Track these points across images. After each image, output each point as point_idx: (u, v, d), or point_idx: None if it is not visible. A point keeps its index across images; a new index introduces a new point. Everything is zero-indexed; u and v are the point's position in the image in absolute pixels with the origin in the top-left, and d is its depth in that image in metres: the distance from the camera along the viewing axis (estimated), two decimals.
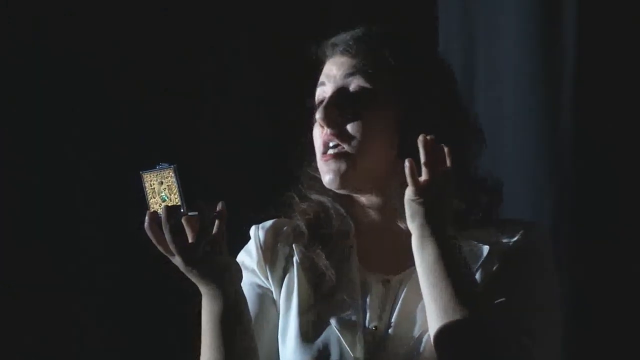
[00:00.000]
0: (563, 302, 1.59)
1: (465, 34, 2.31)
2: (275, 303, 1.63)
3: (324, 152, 1.58)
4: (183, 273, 1.50)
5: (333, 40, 1.64)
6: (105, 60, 2.36)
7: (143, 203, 1.50)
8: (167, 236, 1.47)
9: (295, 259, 1.62)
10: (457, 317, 1.44)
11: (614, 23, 2.14)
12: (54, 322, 2.33)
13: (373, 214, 1.63)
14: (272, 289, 1.63)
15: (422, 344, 1.52)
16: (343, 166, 1.57)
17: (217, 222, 1.50)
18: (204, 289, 1.52)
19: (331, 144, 1.58)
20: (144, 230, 1.49)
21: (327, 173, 1.58)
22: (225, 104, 2.42)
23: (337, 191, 1.60)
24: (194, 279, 1.51)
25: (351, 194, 1.62)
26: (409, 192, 1.49)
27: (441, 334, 1.45)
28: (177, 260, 1.49)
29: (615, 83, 2.15)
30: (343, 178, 1.57)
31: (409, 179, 1.48)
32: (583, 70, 2.17)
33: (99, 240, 2.38)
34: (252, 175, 2.39)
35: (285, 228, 1.66)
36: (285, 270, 1.63)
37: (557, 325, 1.54)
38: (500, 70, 2.25)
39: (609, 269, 2.14)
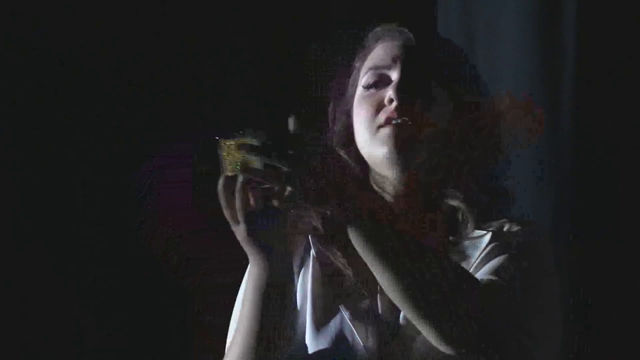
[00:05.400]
0: (563, 302, 1.59)
1: (465, 34, 2.31)
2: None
3: (384, 125, 1.59)
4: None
5: (387, 26, 1.68)
6: (105, 60, 2.36)
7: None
8: (239, 202, 1.46)
9: (312, 252, 1.63)
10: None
11: (614, 23, 2.14)
12: (54, 322, 2.33)
13: (395, 209, 1.63)
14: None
15: None
16: (404, 139, 1.57)
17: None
18: (256, 259, 1.51)
19: (394, 122, 1.58)
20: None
21: (386, 144, 1.58)
22: (226, 104, 2.42)
23: (386, 166, 1.60)
24: (249, 248, 1.50)
25: (396, 171, 1.61)
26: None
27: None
28: (239, 228, 1.48)
29: (615, 83, 2.15)
30: (403, 150, 1.57)
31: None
32: (583, 70, 2.17)
33: (99, 240, 2.39)
34: None
35: (302, 218, 1.66)
36: (303, 260, 1.64)
37: (557, 326, 1.54)
38: (500, 70, 2.25)
39: (609, 269, 2.13)
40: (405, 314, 1.45)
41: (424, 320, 1.43)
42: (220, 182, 1.47)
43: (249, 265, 1.55)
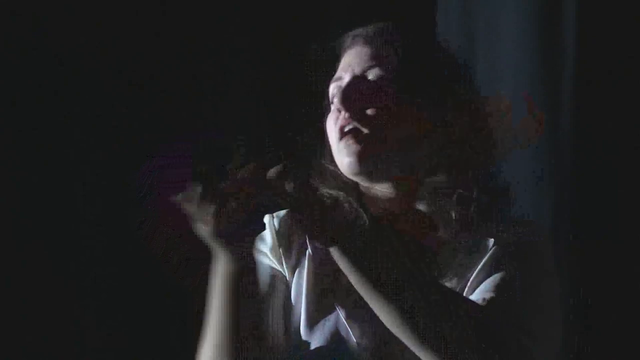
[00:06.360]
0: (563, 302, 1.59)
1: (465, 34, 2.32)
2: (287, 286, 1.63)
3: (340, 137, 1.58)
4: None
5: (352, 32, 1.67)
6: (105, 60, 2.36)
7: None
8: (214, 206, 1.44)
9: (309, 251, 1.63)
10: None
11: (614, 23, 2.14)
12: (54, 322, 2.33)
13: (385, 208, 1.63)
14: (286, 274, 1.64)
15: None
16: (361, 147, 1.57)
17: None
18: (223, 255, 1.49)
19: (346, 129, 1.58)
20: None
21: (346, 155, 1.58)
22: (226, 104, 2.42)
23: (353, 177, 1.60)
24: (217, 245, 1.48)
25: (366, 181, 1.61)
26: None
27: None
28: (206, 227, 1.46)
29: (615, 83, 2.15)
30: (362, 159, 1.57)
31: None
32: (583, 70, 2.17)
33: (99, 240, 2.38)
34: None
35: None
36: (299, 259, 1.64)
37: (557, 326, 1.54)
38: (500, 70, 2.25)
39: (609, 269, 2.13)
40: (396, 329, 1.43)
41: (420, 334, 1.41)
42: (198, 189, 1.45)
43: (217, 265, 1.52)
